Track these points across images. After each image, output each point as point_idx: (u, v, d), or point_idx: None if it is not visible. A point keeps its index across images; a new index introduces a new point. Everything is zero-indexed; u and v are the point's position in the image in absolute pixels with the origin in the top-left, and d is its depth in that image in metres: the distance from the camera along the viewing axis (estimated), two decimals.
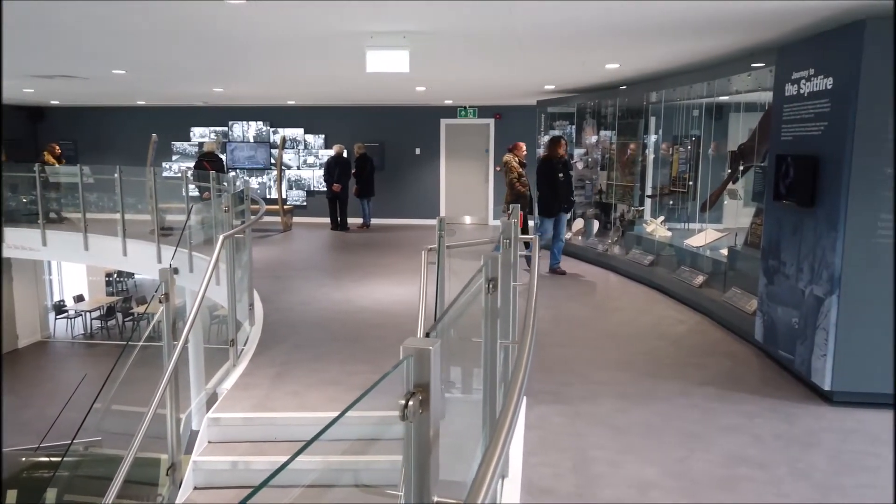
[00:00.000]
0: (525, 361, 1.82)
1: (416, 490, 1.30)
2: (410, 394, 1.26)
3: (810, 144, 4.45)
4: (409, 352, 1.27)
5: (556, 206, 8.13)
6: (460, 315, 2.90)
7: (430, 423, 1.29)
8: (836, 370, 4.15)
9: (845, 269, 4.07)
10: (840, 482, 3.28)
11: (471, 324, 2.57)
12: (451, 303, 1.96)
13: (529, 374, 4.79)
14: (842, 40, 4.15)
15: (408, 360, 1.27)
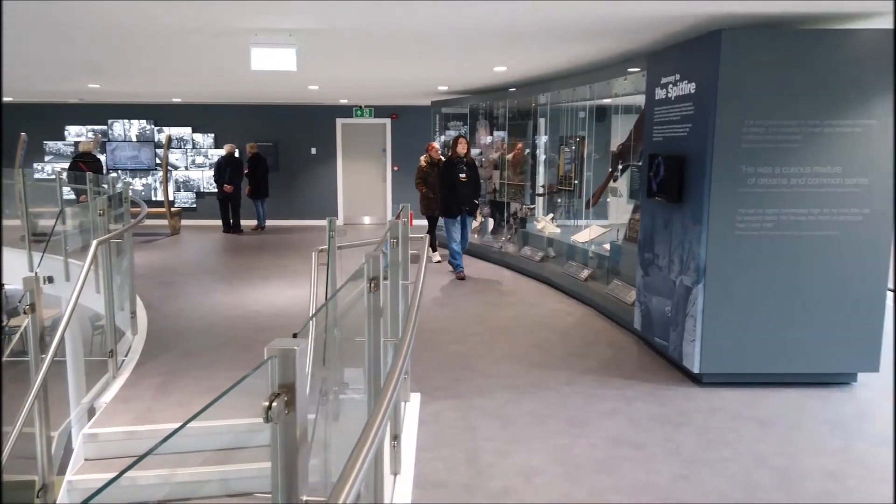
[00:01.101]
0: (402, 360, 1.86)
1: (285, 491, 1.30)
2: (275, 395, 1.26)
3: (677, 145, 4.78)
4: (272, 353, 1.28)
5: (455, 207, 7.98)
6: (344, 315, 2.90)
7: (297, 424, 1.30)
8: (704, 354, 4.50)
9: (709, 260, 4.42)
10: (706, 456, 3.56)
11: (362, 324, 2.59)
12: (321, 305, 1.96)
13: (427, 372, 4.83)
14: (702, 48, 4.49)
15: (272, 360, 1.28)
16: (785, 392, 4.46)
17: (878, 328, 4.45)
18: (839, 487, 3.25)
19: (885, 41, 4.20)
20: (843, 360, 4.52)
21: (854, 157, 4.30)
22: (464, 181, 7.92)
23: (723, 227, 4.39)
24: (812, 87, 4.26)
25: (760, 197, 4.35)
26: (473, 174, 8.10)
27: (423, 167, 9.05)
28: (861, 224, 4.33)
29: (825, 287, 4.41)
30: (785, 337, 4.46)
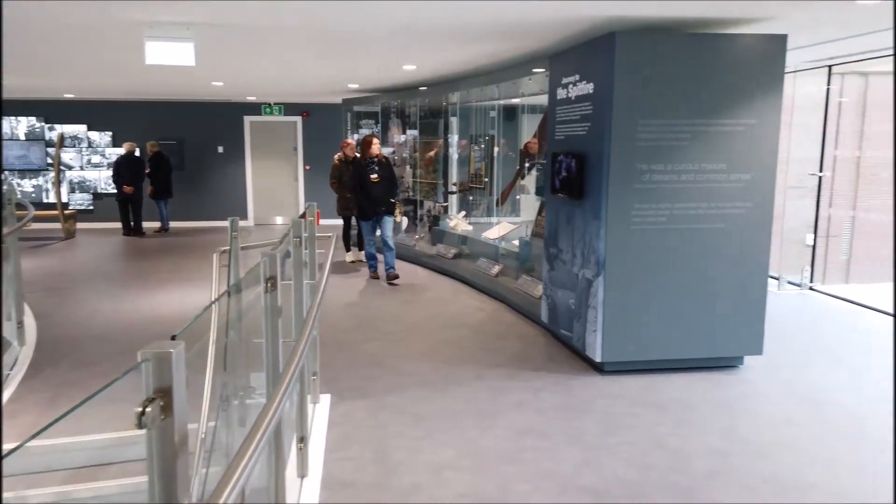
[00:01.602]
0: (296, 360, 1.83)
1: (162, 499, 1.26)
2: (149, 400, 1.22)
3: (578, 143, 4.95)
4: (146, 356, 1.23)
5: (370, 209, 7.74)
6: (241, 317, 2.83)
7: (175, 429, 1.26)
8: (605, 343, 4.68)
9: (608, 254, 4.60)
10: (606, 441, 3.71)
11: None
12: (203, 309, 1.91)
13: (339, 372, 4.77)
14: (598, 50, 4.66)
15: (146, 364, 1.23)
16: (680, 377, 4.71)
17: (760, 313, 4.77)
18: (724, 464, 3.46)
19: (766, 45, 4.50)
20: (731, 345, 4.82)
21: (738, 154, 4.59)
22: (376, 181, 7.68)
23: (620, 221, 4.58)
24: (699, 88, 4.51)
25: (654, 193, 4.57)
26: (387, 173, 7.85)
27: (337, 165, 8.92)
28: (744, 216, 4.64)
29: (714, 276, 4.69)
30: (679, 325, 4.71)
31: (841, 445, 3.69)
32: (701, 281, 4.68)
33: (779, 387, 4.56)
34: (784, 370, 4.86)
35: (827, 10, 4.21)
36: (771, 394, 4.46)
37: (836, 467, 3.43)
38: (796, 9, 4.18)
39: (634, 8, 4.12)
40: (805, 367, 4.94)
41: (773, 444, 3.69)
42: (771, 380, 4.68)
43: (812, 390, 4.49)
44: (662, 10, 4.18)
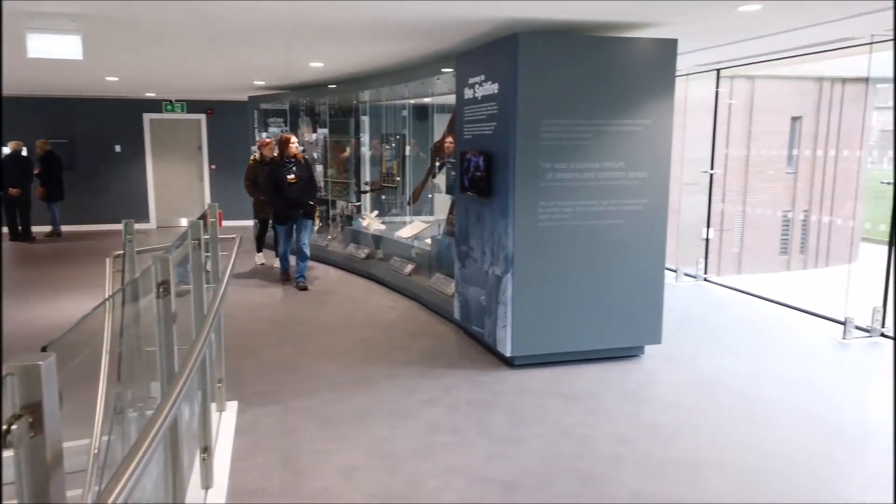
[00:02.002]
0: (190, 365, 1.76)
1: None
2: (16, 417, 1.13)
3: (485, 142, 5.03)
4: (10, 370, 1.14)
5: (285, 212, 7.33)
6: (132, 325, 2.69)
7: (47, 447, 1.17)
8: (515, 338, 4.78)
9: (516, 251, 4.70)
10: (516, 434, 3.79)
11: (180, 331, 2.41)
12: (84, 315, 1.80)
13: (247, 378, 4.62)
14: (502, 51, 4.75)
15: (10, 378, 1.14)
16: (586, 368, 4.88)
17: (659, 305, 5.02)
18: (628, 449, 3.61)
19: (658, 49, 4.72)
20: (633, 335, 5.04)
21: (635, 153, 4.79)
22: (293, 182, 7.26)
23: (527, 219, 4.69)
24: (599, 89, 4.68)
25: (558, 190, 4.70)
26: (305, 173, 7.42)
27: (252, 166, 8.54)
28: (642, 213, 4.86)
29: (615, 270, 4.88)
30: (584, 318, 4.88)
31: (735, 425, 3.93)
32: (603, 275, 4.87)
33: (677, 374, 4.81)
34: (682, 358, 5.12)
35: (712, 14, 4.47)
36: (670, 380, 4.70)
37: (731, 446, 3.65)
38: (683, 14, 4.42)
39: (532, 10, 4.22)
40: (701, 355, 5.23)
41: (673, 428, 3.89)
42: (670, 367, 4.93)
43: (708, 375, 4.76)
44: (559, 12, 4.30)
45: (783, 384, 4.58)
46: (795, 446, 3.65)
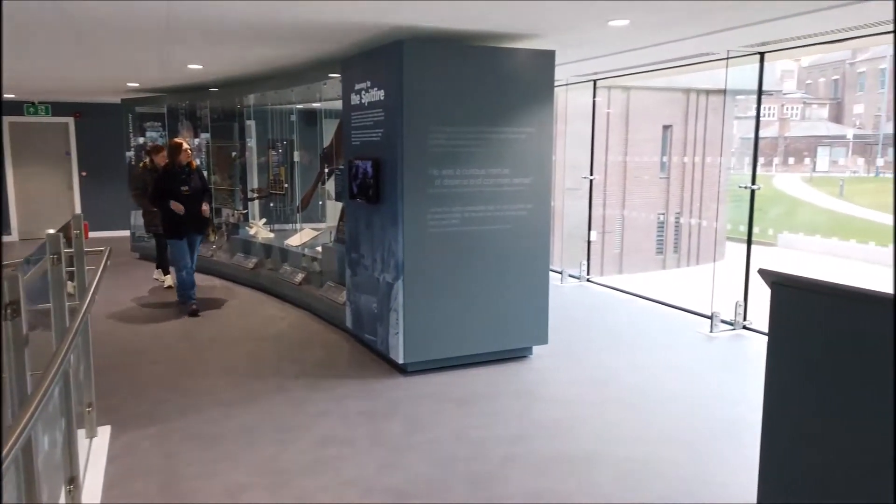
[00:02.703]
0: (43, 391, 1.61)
1: None
2: None
3: (373, 149, 5.00)
4: None
5: (181, 226, 6.50)
6: None
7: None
8: (407, 345, 4.78)
9: (406, 257, 4.70)
10: (411, 441, 3.78)
11: None
12: None
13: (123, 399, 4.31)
14: (387, 57, 4.74)
15: None
16: (479, 371, 4.95)
17: (545, 306, 5.18)
18: (520, 449, 3.70)
19: (538, 59, 4.89)
20: (522, 337, 5.18)
21: (519, 159, 4.93)
22: (187, 194, 6.47)
23: (416, 225, 4.70)
24: (484, 97, 4.77)
25: (446, 197, 4.75)
26: (200, 184, 6.66)
27: (141, 173, 7.86)
28: (527, 217, 5.01)
29: (503, 274, 5.00)
30: (475, 321, 4.95)
31: (619, 418, 4.12)
32: (492, 279, 4.97)
33: (564, 371, 4.99)
34: (568, 356, 5.32)
35: (585, 28, 4.68)
36: (558, 378, 4.86)
37: (615, 439, 3.83)
38: (559, 27, 4.60)
39: (414, 18, 4.25)
40: (586, 352, 5.45)
41: (563, 425, 4.02)
42: (558, 366, 5.11)
43: (592, 371, 4.97)
44: (439, 20, 4.36)
45: (658, 376, 4.86)
46: (672, 435, 3.88)
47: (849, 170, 33.59)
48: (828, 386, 2.39)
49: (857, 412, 2.29)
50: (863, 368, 2.27)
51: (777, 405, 2.60)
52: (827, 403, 2.40)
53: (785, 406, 2.57)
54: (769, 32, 4.82)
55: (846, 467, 2.33)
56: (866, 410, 2.26)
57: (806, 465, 2.48)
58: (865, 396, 2.26)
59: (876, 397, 2.22)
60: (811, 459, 2.46)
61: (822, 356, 2.41)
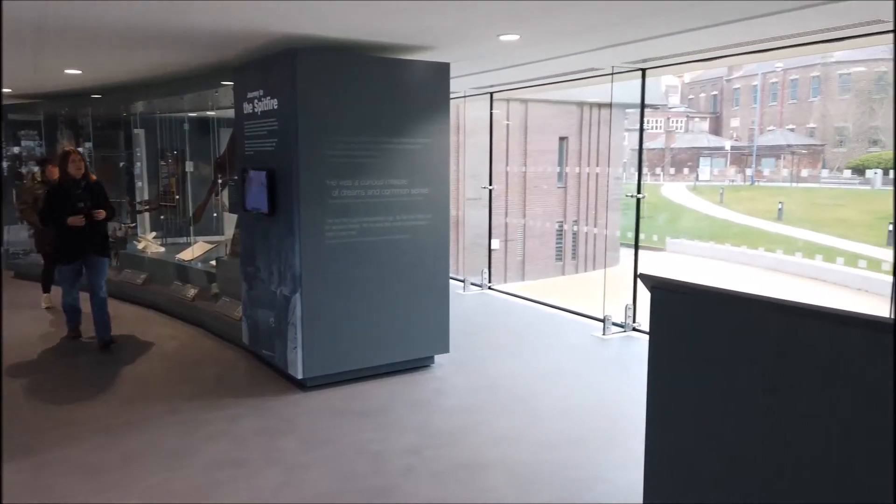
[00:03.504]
0: None
1: None
2: None
3: (267, 159, 4.88)
4: None
5: (72, 248, 5.59)
6: None
7: None
8: (306, 359, 4.68)
9: (304, 269, 4.60)
10: (308, 458, 3.69)
11: None
12: None
13: None
14: (280, 66, 4.65)
15: None
16: (380, 383, 4.92)
17: (445, 315, 5.23)
18: (419, 459, 3.70)
19: (434, 72, 4.94)
20: (423, 346, 5.20)
21: (417, 170, 4.96)
22: (84, 209, 5.54)
23: (314, 237, 4.62)
24: (381, 108, 4.77)
25: (345, 207, 4.70)
26: (98, 201, 5.67)
27: (30, 187, 7.13)
28: (426, 227, 5.04)
29: (403, 284, 5.00)
30: (375, 333, 4.92)
31: (516, 423, 4.21)
32: (392, 289, 4.95)
33: (465, 379, 5.04)
34: (469, 363, 5.39)
35: (478, 42, 4.79)
36: (459, 386, 4.91)
37: (513, 443, 3.90)
38: (452, 40, 4.69)
39: (300, 26, 4.20)
40: (486, 359, 5.54)
41: (462, 432, 4.06)
42: (459, 374, 5.16)
43: (492, 378, 5.05)
44: (330, 30, 4.32)
45: (552, 380, 5.02)
46: (565, 437, 4.01)
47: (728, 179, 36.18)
48: (703, 382, 2.55)
49: (730, 406, 2.45)
50: (732, 364, 2.43)
51: (659, 403, 2.75)
52: (703, 399, 2.55)
53: (666, 404, 2.71)
54: (649, 50, 5.12)
55: (722, 459, 2.49)
56: (739, 404, 2.42)
57: (686, 460, 2.63)
58: (737, 391, 2.43)
59: (747, 391, 2.39)
60: (691, 455, 2.61)
61: (697, 354, 2.57)
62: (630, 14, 3.91)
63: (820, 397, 2.17)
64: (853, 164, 33.27)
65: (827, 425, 2.15)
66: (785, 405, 2.27)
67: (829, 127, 39.83)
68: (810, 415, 2.19)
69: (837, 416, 2.13)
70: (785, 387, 2.27)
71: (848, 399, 2.10)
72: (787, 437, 2.26)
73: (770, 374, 2.30)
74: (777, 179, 35.72)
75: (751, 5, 3.69)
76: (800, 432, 2.23)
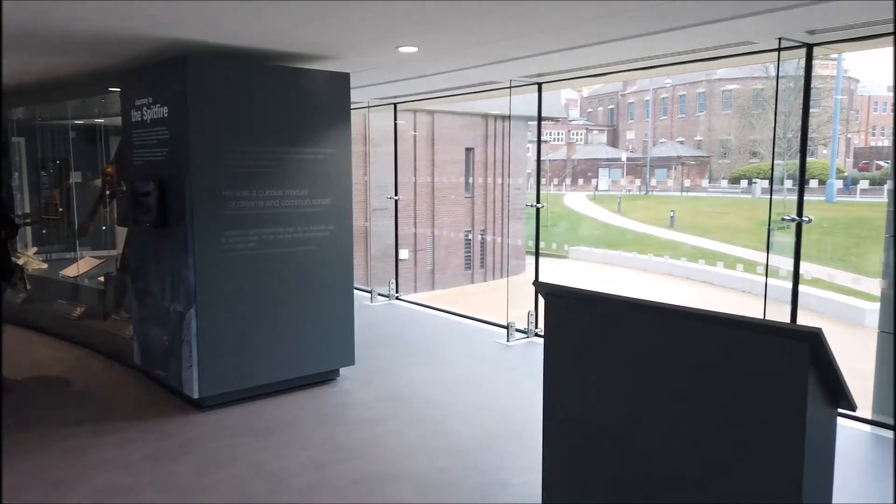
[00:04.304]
0: None
1: None
2: None
3: (158, 169, 4.66)
4: None
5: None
6: None
7: None
8: (202, 378, 4.48)
9: (199, 284, 4.42)
10: (203, 481, 3.54)
11: None
12: None
13: None
14: (170, 73, 4.46)
15: None
16: (283, 399, 4.79)
17: (350, 326, 5.17)
18: (321, 476, 3.62)
19: (333, 81, 4.90)
20: (328, 359, 5.11)
21: (318, 180, 4.89)
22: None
23: (209, 249, 4.45)
24: (280, 118, 4.67)
25: (243, 219, 4.56)
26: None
27: None
28: (328, 238, 4.97)
29: (306, 297, 4.90)
30: (277, 347, 4.79)
31: (421, 432, 4.20)
32: (294, 302, 4.85)
33: (370, 391, 5.00)
34: (375, 375, 5.35)
35: (377, 52, 4.80)
36: (364, 399, 4.86)
37: (418, 453, 3.90)
38: (350, 50, 4.67)
39: (191, 32, 4.06)
40: (392, 370, 5.52)
41: (367, 445, 4.02)
42: (364, 386, 5.10)
43: (398, 388, 5.04)
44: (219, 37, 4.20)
45: (457, 388, 5.07)
46: (468, 444, 4.05)
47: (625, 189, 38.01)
48: (591, 381, 2.65)
49: (617, 404, 2.56)
50: (616, 363, 2.55)
51: (554, 405, 2.83)
52: (592, 399, 2.65)
53: (560, 405, 2.80)
54: (544, 65, 5.30)
55: (613, 456, 2.59)
56: (625, 402, 2.54)
57: (580, 458, 2.72)
58: (622, 389, 2.54)
59: (632, 389, 2.51)
60: (584, 453, 2.71)
61: (585, 355, 2.67)
62: (524, 31, 4.04)
63: (700, 394, 2.31)
64: (736, 175, 35.82)
65: (708, 419, 2.29)
66: (668, 401, 2.40)
67: (715, 140, 42.75)
68: (692, 410, 2.33)
69: (716, 409, 2.27)
70: (667, 384, 2.40)
71: (726, 394, 2.25)
72: (673, 432, 2.39)
73: (651, 372, 2.43)
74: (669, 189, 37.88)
75: (638, 24, 3.90)
76: (685, 427, 2.36)
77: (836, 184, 25.11)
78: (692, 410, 2.31)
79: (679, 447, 2.35)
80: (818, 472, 2.15)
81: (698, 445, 2.30)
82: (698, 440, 2.29)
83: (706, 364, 2.27)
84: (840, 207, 22.51)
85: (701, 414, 2.29)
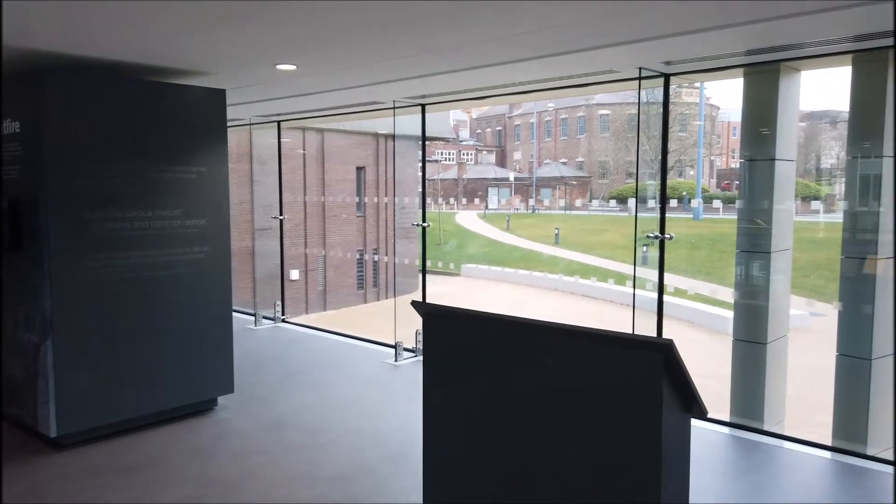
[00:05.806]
0: None
1: None
2: None
3: (12, 187, 4.28)
4: None
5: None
6: None
7: None
8: (60, 414, 4.12)
9: (56, 312, 4.08)
10: None
11: None
12: None
13: None
14: (25, 87, 4.14)
15: None
16: (152, 433, 4.49)
17: (228, 353, 4.95)
18: None
19: (208, 98, 4.72)
20: (204, 388, 4.86)
21: (192, 200, 4.68)
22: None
23: (68, 274, 4.12)
24: (150, 135, 4.43)
25: (108, 241, 4.27)
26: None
27: None
28: (204, 261, 4.75)
29: (178, 323, 4.65)
30: (146, 378, 4.50)
31: (299, 460, 4.07)
32: (165, 329, 4.58)
33: (250, 420, 4.79)
34: (255, 403, 5.14)
35: (255, 69, 4.68)
36: (242, 428, 4.65)
37: (292, 483, 3.77)
38: (225, 66, 4.53)
39: (48, 43, 3.79)
40: (274, 396, 5.33)
41: (242, 477, 3.84)
42: (243, 415, 4.89)
43: (279, 416, 4.87)
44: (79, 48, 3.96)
45: (344, 410, 4.97)
46: (349, 469, 3.97)
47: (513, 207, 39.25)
48: (466, 398, 2.68)
49: (490, 419, 2.60)
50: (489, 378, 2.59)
51: (432, 422, 2.84)
52: (468, 415, 2.68)
53: (438, 422, 2.81)
54: (426, 87, 5.38)
55: (490, 472, 2.63)
56: (497, 417, 2.58)
57: (458, 474, 2.74)
58: (494, 404, 2.58)
59: (503, 404, 2.56)
60: (462, 469, 2.72)
61: (460, 372, 2.70)
62: (404, 53, 4.08)
63: (566, 404, 2.39)
64: (614, 194, 37.96)
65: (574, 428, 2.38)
66: (538, 413, 2.46)
67: (595, 161, 45.14)
68: (559, 419, 2.41)
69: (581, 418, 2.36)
70: (536, 396, 2.47)
71: (590, 404, 2.34)
72: (542, 441, 2.46)
73: (521, 386, 2.50)
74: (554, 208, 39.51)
75: (511, 51, 4.04)
76: (553, 436, 2.43)
77: (697, 202, 27.17)
78: (559, 420, 2.39)
79: (548, 455, 2.42)
80: (675, 475, 2.29)
81: (566, 453, 2.37)
82: (565, 448, 2.37)
83: (570, 375, 2.36)
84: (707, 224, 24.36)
85: (567, 423, 2.37)
